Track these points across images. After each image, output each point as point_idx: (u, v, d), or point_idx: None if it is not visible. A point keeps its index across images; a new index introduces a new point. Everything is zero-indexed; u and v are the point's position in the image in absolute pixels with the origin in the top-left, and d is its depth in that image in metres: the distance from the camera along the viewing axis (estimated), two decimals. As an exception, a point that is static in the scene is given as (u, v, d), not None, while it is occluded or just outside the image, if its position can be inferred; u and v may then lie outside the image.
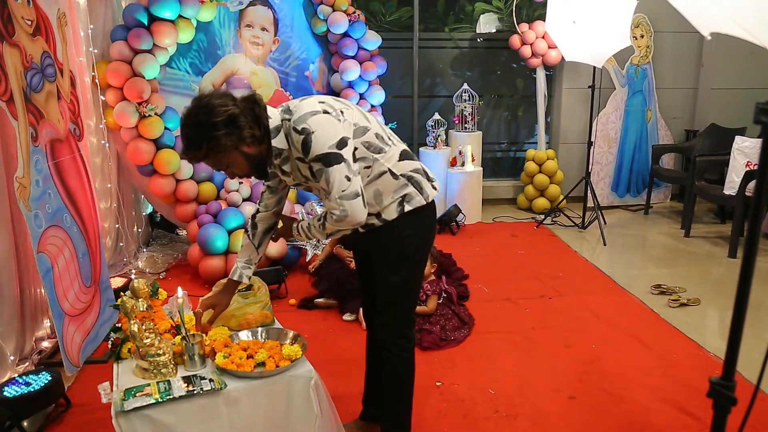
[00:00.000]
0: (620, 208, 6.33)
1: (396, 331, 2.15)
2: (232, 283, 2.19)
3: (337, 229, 1.97)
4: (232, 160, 1.87)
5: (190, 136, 1.82)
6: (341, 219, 1.90)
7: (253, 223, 2.23)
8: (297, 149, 1.88)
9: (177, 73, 4.69)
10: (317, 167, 1.86)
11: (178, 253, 4.82)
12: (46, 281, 2.68)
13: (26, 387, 2.46)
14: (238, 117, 1.81)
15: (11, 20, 2.56)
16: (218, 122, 1.78)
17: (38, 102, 2.76)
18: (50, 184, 2.84)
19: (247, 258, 2.21)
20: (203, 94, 1.85)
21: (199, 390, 1.85)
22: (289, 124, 1.87)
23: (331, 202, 1.89)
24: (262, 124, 1.87)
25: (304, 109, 1.87)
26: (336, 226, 1.95)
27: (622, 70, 6.10)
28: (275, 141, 1.91)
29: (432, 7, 6.46)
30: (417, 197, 2.04)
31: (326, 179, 1.86)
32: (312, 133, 1.82)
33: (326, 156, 1.84)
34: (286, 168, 1.98)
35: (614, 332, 3.37)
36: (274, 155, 1.94)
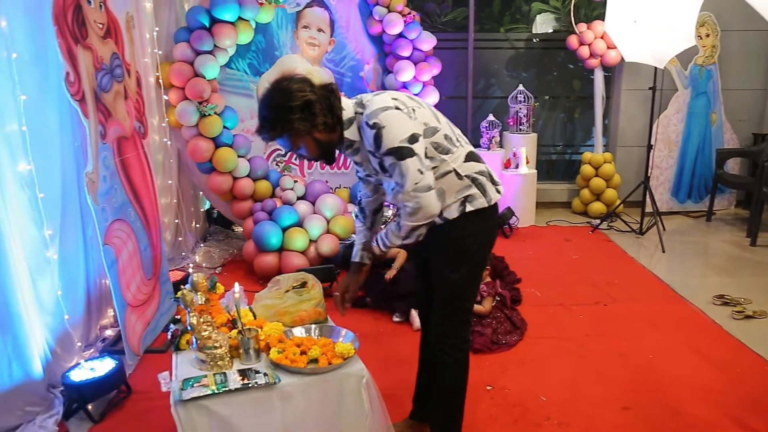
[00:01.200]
0: (680, 214, 6.12)
1: (451, 331, 2.15)
2: (356, 264, 2.27)
3: (412, 225, 1.97)
4: (303, 143, 1.94)
5: (266, 117, 1.90)
6: (415, 212, 1.93)
7: (360, 208, 2.32)
8: (369, 143, 1.93)
9: (236, 73, 4.81)
10: (390, 161, 1.90)
11: (233, 249, 4.94)
12: (111, 273, 2.80)
13: (91, 372, 2.58)
14: (313, 104, 1.88)
15: (85, 24, 2.68)
16: (294, 106, 1.86)
17: (107, 101, 2.88)
18: (116, 180, 2.96)
19: (364, 241, 2.28)
20: (283, 78, 1.93)
21: (254, 383, 1.90)
22: (362, 117, 1.93)
23: (405, 195, 1.91)
24: (335, 113, 1.94)
25: (376, 104, 1.92)
26: (410, 221, 1.95)
27: (686, 70, 5.90)
28: (348, 132, 1.97)
29: (488, 7, 6.41)
30: (480, 199, 2.04)
31: (399, 173, 1.89)
32: (383, 128, 1.87)
33: (398, 150, 1.88)
34: (357, 159, 2.06)
35: (672, 343, 3.27)
36: (346, 146, 2.01)
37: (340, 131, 1.97)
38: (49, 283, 2.71)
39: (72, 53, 2.55)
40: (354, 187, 5.25)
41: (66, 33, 2.52)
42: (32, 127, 2.56)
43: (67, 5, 2.54)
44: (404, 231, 2.00)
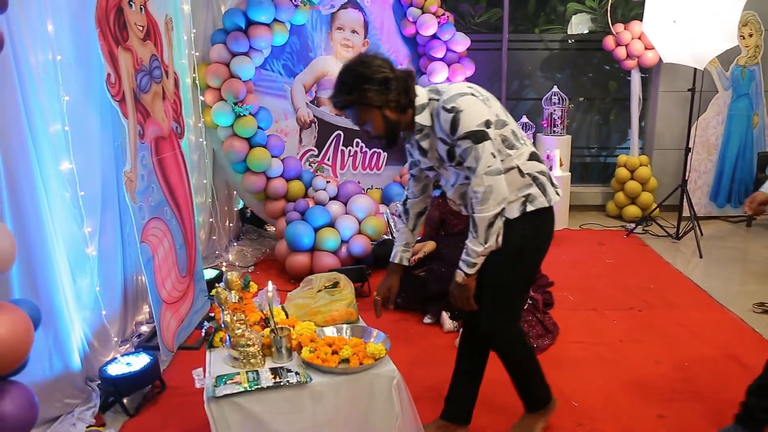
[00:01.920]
0: (719, 219, 5.97)
1: (504, 328, 2.22)
2: (395, 265, 2.36)
3: (485, 216, 1.97)
4: (371, 117, 2.01)
5: (344, 82, 1.98)
6: (486, 197, 1.95)
7: (404, 209, 2.38)
8: (443, 128, 1.98)
9: (270, 74, 4.86)
10: (466, 145, 1.94)
11: (266, 248, 5.00)
12: (147, 270, 2.86)
13: (127, 367, 2.64)
14: (390, 81, 1.97)
15: (126, 27, 2.75)
16: (373, 78, 1.95)
17: (146, 102, 2.94)
18: (153, 179, 3.02)
19: (405, 242, 2.36)
20: (368, 52, 2.04)
21: (286, 382, 1.92)
22: (437, 103, 1.99)
23: (477, 179, 1.95)
24: (409, 96, 2.02)
25: (453, 91, 1.99)
26: (482, 210, 1.96)
27: (727, 71, 5.75)
28: (419, 117, 2.04)
29: (522, 8, 6.36)
30: (540, 198, 2.08)
31: (474, 156, 1.94)
32: (461, 111, 1.93)
33: (475, 133, 1.94)
34: (425, 144, 2.09)
35: (710, 350, 3.19)
36: (417, 130, 2.06)
37: (411, 115, 2.04)
38: (88, 279, 2.78)
39: (113, 55, 2.61)
40: (386, 188, 5.26)
41: (108, 35, 2.58)
42: (74, 127, 2.63)
43: (109, 8, 2.60)
44: (482, 229, 1.99)
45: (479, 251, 2.03)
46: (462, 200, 2.19)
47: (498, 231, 2.03)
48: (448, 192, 2.18)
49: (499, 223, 2.01)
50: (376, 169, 5.47)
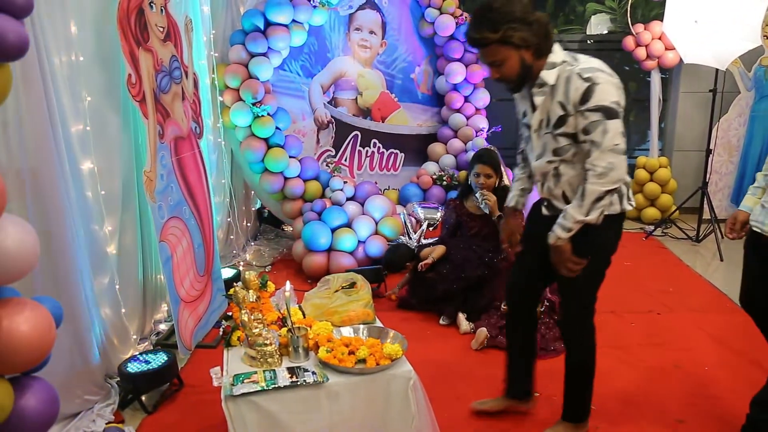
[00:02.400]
0: (740, 222, 5.88)
1: (577, 322, 2.29)
2: (510, 209, 2.45)
3: (599, 190, 1.97)
4: (508, 57, 1.98)
5: (490, 19, 1.94)
6: (605, 173, 1.95)
7: (522, 157, 2.38)
8: (569, 95, 1.97)
9: (289, 75, 4.89)
10: (596, 117, 1.93)
11: (283, 248, 5.02)
12: (166, 268, 2.89)
13: (146, 365, 2.67)
14: (535, 24, 1.96)
15: (147, 28, 2.78)
16: (523, 18, 1.94)
17: (165, 102, 2.97)
18: (173, 179, 3.05)
19: (521, 187, 2.42)
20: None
21: (303, 381, 1.93)
22: (572, 69, 1.98)
23: (600, 153, 1.95)
24: (549, 44, 2.02)
25: (592, 63, 1.99)
26: (598, 183, 1.96)
27: (749, 72, 5.66)
28: (546, 73, 2.02)
29: (541, 8, 6.32)
30: (616, 205, 2.10)
31: (603, 130, 1.93)
32: (597, 84, 1.92)
33: (608, 109, 1.93)
34: (537, 101, 2.07)
35: (730, 355, 3.15)
36: (537, 83, 2.05)
37: (543, 63, 2.02)
38: (108, 277, 2.82)
39: (134, 56, 2.64)
40: (403, 188, 5.26)
41: (129, 36, 2.61)
42: (95, 127, 2.67)
43: (130, 10, 2.63)
44: (588, 201, 1.98)
45: (577, 219, 2.02)
46: (542, 178, 2.19)
47: (603, 208, 2.02)
48: (532, 160, 2.20)
49: (607, 201, 2.01)
50: (393, 169, 5.48)
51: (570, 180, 2.11)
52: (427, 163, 5.39)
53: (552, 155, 2.10)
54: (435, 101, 5.56)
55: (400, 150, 5.48)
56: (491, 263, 3.56)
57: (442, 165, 5.33)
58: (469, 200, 3.84)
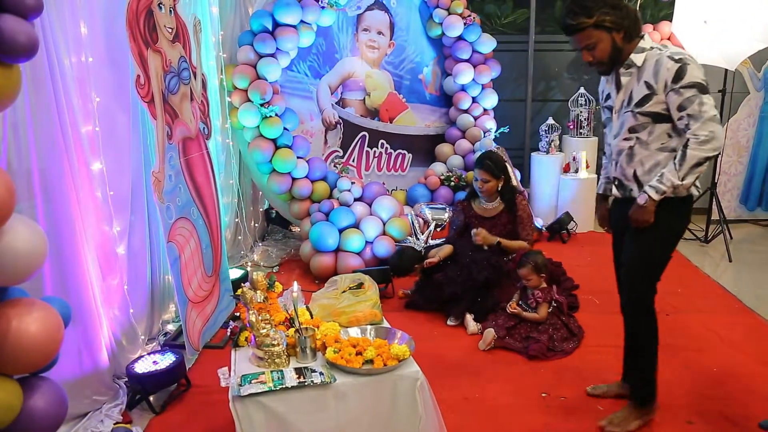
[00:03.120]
0: (749, 223, 5.84)
1: (643, 303, 2.40)
2: (600, 196, 2.65)
3: (700, 156, 2.11)
4: (601, 39, 2.19)
5: (586, 5, 2.15)
6: (708, 141, 2.10)
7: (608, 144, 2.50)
8: (660, 75, 2.15)
9: (297, 75, 4.90)
10: (691, 93, 2.11)
11: (290, 249, 5.03)
12: (174, 269, 2.90)
13: (154, 365, 2.68)
14: (630, 12, 2.19)
15: (155, 29, 2.79)
16: (615, 4, 2.16)
17: (174, 103, 2.98)
18: (181, 179, 3.06)
19: (608, 175, 2.56)
20: None
21: (310, 382, 1.93)
22: (662, 53, 2.17)
23: (702, 124, 2.10)
24: (638, 27, 2.23)
25: (679, 49, 2.19)
26: (700, 150, 2.11)
27: (759, 72, 5.62)
28: (635, 56, 2.22)
29: (549, 8, 6.30)
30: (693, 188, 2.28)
31: (699, 103, 2.10)
32: (688, 64, 2.12)
33: (701, 85, 2.11)
34: (624, 80, 2.27)
35: (740, 356, 3.12)
36: (626, 64, 2.25)
37: (632, 46, 2.22)
38: (117, 277, 2.83)
39: (143, 57, 2.66)
40: (411, 189, 5.26)
41: (138, 38, 2.62)
42: (104, 127, 2.68)
43: (139, 11, 2.64)
44: (688, 165, 2.13)
45: (673, 183, 2.16)
46: (617, 156, 2.36)
47: (698, 175, 2.17)
48: (610, 142, 2.39)
49: (703, 168, 2.16)
50: (401, 170, 5.48)
51: (642, 159, 2.28)
52: (435, 164, 5.39)
53: (628, 133, 2.29)
54: (443, 102, 5.55)
55: (408, 150, 5.47)
56: (498, 265, 3.55)
57: (449, 166, 5.33)
58: (476, 202, 3.84)
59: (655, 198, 2.20)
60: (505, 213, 3.77)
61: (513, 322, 3.26)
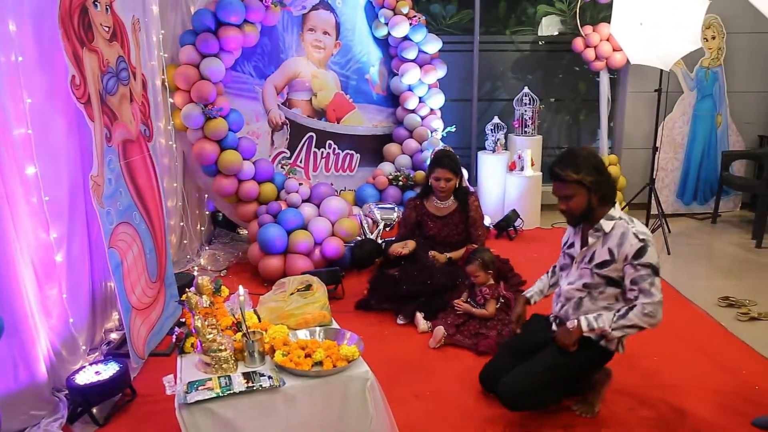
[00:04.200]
0: (686, 216, 6.10)
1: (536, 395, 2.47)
2: (524, 299, 2.81)
3: (640, 325, 2.31)
4: (578, 194, 2.39)
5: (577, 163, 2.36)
6: (649, 316, 2.30)
7: (554, 267, 2.79)
8: (623, 248, 2.35)
9: (241, 76, 4.82)
10: (644, 272, 2.31)
11: (238, 252, 4.95)
12: (116, 276, 2.81)
13: (96, 376, 2.59)
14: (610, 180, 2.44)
15: (91, 27, 2.69)
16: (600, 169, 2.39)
17: (112, 104, 2.89)
18: (121, 183, 2.97)
19: (541, 289, 2.82)
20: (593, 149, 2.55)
21: (259, 386, 1.90)
22: (629, 227, 2.37)
23: (653, 299, 2.30)
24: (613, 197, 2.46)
25: (645, 230, 2.39)
26: (640, 318, 2.31)
27: (691, 73, 5.88)
28: (605, 222, 2.42)
29: (493, 9, 6.41)
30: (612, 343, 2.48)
31: (651, 283, 2.31)
32: (649, 247, 2.33)
33: (655, 268, 2.32)
34: (590, 240, 2.46)
35: (678, 345, 3.25)
36: (596, 228, 2.43)
37: (604, 211, 2.42)
38: (55, 286, 2.72)
39: (77, 56, 2.56)
40: (359, 189, 5.25)
41: (72, 36, 2.53)
42: (38, 130, 2.57)
43: (73, 8, 2.55)
44: (624, 323, 2.32)
45: (604, 328, 2.35)
46: (565, 302, 2.56)
47: (624, 335, 2.40)
48: (563, 285, 2.59)
49: (632, 332, 2.36)
50: (349, 170, 5.47)
51: (588, 311, 2.45)
52: (383, 164, 5.40)
53: (582, 286, 2.48)
54: (390, 102, 5.57)
55: (356, 151, 5.47)
56: (455, 273, 3.58)
57: (398, 165, 5.35)
58: (429, 201, 3.86)
59: (584, 329, 2.39)
60: (457, 212, 3.81)
61: (462, 319, 3.30)
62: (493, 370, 2.68)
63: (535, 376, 2.44)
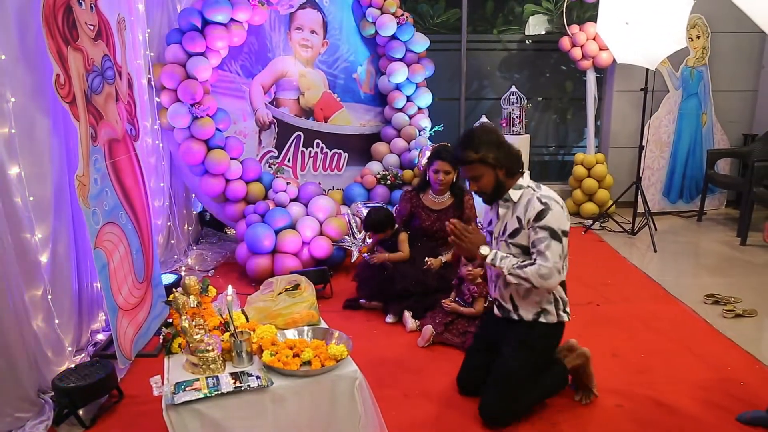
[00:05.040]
0: (672, 215, 6.15)
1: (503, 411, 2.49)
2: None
3: (530, 282, 2.34)
4: (484, 173, 2.42)
5: (474, 143, 2.39)
6: (542, 277, 2.32)
7: None
8: (527, 213, 2.38)
9: (228, 75, 4.80)
10: (543, 234, 2.34)
11: (226, 252, 4.93)
12: (102, 276, 2.78)
13: (82, 377, 2.56)
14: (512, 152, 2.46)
15: (75, 26, 2.67)
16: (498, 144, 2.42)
17: (98, 103, 2.86)
18: (107, 183, 2.94)
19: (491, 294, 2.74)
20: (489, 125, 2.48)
21: (247, 386, 1.89)
22: (534, 193, 2.40)
23: (547, 263, 2.32)
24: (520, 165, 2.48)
25: (552, 195, 2.42)
26: (533, 276, 2.33)
27: (677, 72, 5.93)
28: (512, 192, 2.45)
29: (480, 8, 6.43)
30: (553, 315, 2.51)
31: (547, 246, 2.33)
32: (550, 210, 2.35)
33: (555, 232, 2.34)
34: (501, 211, 2.50)
35: (665, 342, 3.28)
36: (504, 198, 2.47)
37: (513, 181, 2.45)
38: (40, 287, 2.69)
39: (62, 55, 2.53)
40: (347, 189, 5.25)
41: (56, 34, 2.50)
42: (22, 129, 2.54)
43: (57, 6, 2.52)
44: (519, 273, 2.35)
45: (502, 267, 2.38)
46: (496, 279, 2.57)
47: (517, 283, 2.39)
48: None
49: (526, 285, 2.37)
50: (337, 170, 5.46)
51: (517, 286, 2.45)
52: (371, 163, 5.40)
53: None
54: (378, 101, 5.57)
55: (344, 150, 5.46)
56: (448, 278, 3.58)
57: (386, 164, 5.35)
58: (425, 194, 3.87)
59: (488, 259, 2.41)
60: (452, 208, 3.82)
61: (450, 318, 3.31)
62: (467, 372, 2.74)
63: (506, 394, 2.46)
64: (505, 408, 2.48)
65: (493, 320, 2.68)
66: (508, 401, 2.47)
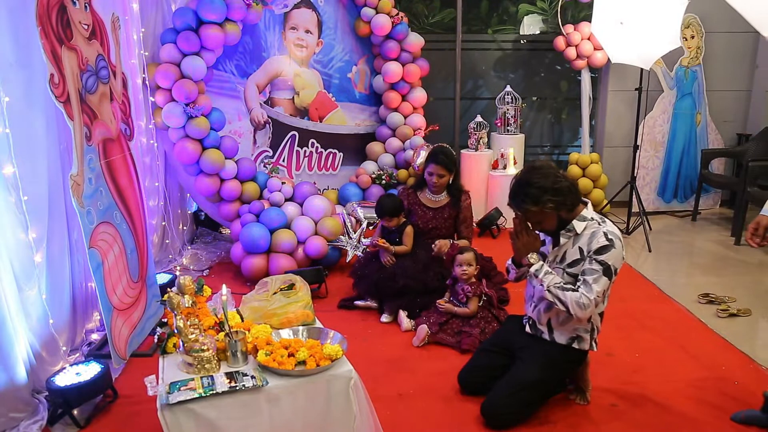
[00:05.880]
0: (666, 214, 6.17)
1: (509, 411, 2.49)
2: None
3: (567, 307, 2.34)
4: (547, 217, 2.40)
5: (531, 194, 2.34)
6: (581, 307, 2.32)
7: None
8: (590, 244, 2.37)
9: (223, 74, 4.79)
10: (596, 267, 2.34)
11: (221, 251, 4.92)
12: (97, 276, 2.77)
13: (77, 377, 2.56)
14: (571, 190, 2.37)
15: (69, 25, 2.66)
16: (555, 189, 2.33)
17: (92, 103, 2.85)
18: (102, 182, 2.94)
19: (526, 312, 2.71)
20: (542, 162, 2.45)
21: (241, 386, 1.89)
22: (600, 228, 2.38)
23: (590, 295, 2.31)
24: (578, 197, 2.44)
25: (616, 232, 2.39)
26: (572, 304, 2.33)
27: (671, 72, 5.95)
28: (576, 223, 2.42)
29: (475, 8, 6.43)
30: (586, 343, 2.53)
31: (596, 280, 2.32)
32: (614, 248, 2.34)
33: (609, 268, 2.33)
34: (562, 240, 2.47)
35: (659, 341, 3.29)
36: (567, 228, 2.44)
37: (575, 214, 2.42)
38: (35, 286, 2.68)
39: (56, 54, 2.52)
40: (342, 188, 5.25)
41: (50, 34, 2.49)
42: (16, 129, 2.53)
43: (51, 6, 2.51)
44: (558, 295, 2.35)
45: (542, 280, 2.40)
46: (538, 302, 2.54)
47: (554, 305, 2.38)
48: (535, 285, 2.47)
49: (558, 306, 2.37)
50: (332, 169, 5.46)
51: (559, 311, 2.42)
52: (366, 163, 5.40)
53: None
54: (373, 100, 5.57)
55: (339, 150, 5.46)
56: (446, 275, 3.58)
57: (380, 164, 5.35)
58: (422, 192, 3.88)
59: (532, 269, 2.43)
60: (449, 207, 3.83)
61: (445, 318, 3.31)
62: (471, 371, 2.74)
63: (516, 397, 2.47)
64: (512, 410, 2.48)
65: (517, 329, 2.69)
66: (517, 405, 2.48)
